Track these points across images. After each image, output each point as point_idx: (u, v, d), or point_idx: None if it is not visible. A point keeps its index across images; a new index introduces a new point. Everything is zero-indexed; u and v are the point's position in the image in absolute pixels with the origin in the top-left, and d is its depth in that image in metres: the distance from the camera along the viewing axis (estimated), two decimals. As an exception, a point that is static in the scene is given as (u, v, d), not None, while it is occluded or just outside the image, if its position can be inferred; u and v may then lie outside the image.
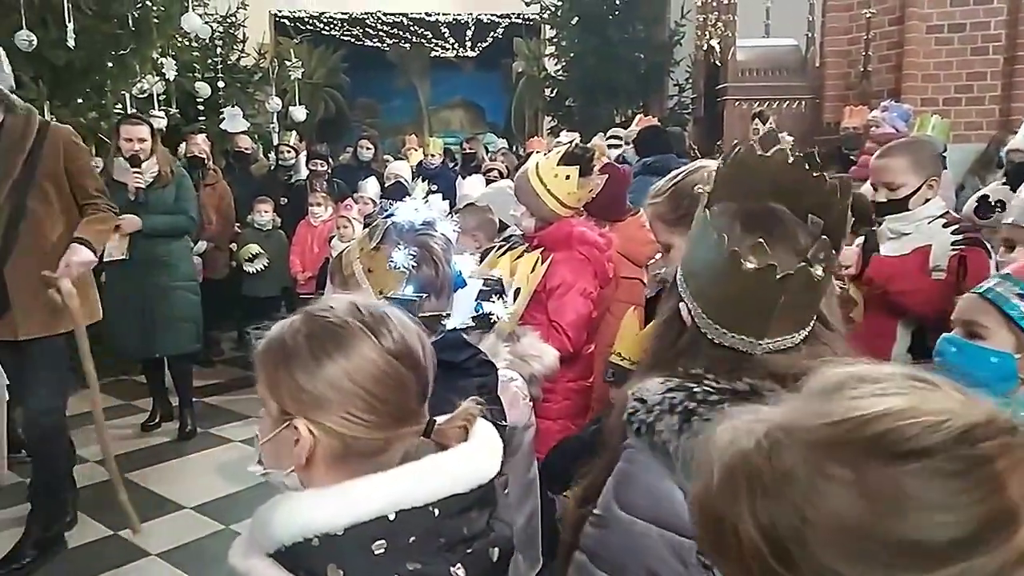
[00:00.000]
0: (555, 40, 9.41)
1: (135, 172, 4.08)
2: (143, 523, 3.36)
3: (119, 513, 3.45)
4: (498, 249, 2.51)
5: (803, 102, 7.41)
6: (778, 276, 0.92)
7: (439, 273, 1.36)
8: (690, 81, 8.84)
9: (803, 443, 0.50)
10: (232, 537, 0.92)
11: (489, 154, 7.88)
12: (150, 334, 4.25)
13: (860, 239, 2.43)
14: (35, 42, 4.66)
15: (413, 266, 1.32)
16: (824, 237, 0.95)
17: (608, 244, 2.58)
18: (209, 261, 5.48)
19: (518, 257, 2.52)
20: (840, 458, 0.49)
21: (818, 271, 0.93)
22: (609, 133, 6.21)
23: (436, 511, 0.86)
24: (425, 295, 1.33)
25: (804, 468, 0.49)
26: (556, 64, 9.57)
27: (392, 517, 0.84)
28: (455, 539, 0.88)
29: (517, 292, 2.25)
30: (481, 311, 1.48)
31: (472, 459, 0.91)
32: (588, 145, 3.36)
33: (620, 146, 5.68)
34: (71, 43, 4.79)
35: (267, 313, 5.34)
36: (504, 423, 1.40)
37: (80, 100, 5.14)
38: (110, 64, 5.27)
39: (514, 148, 8.89)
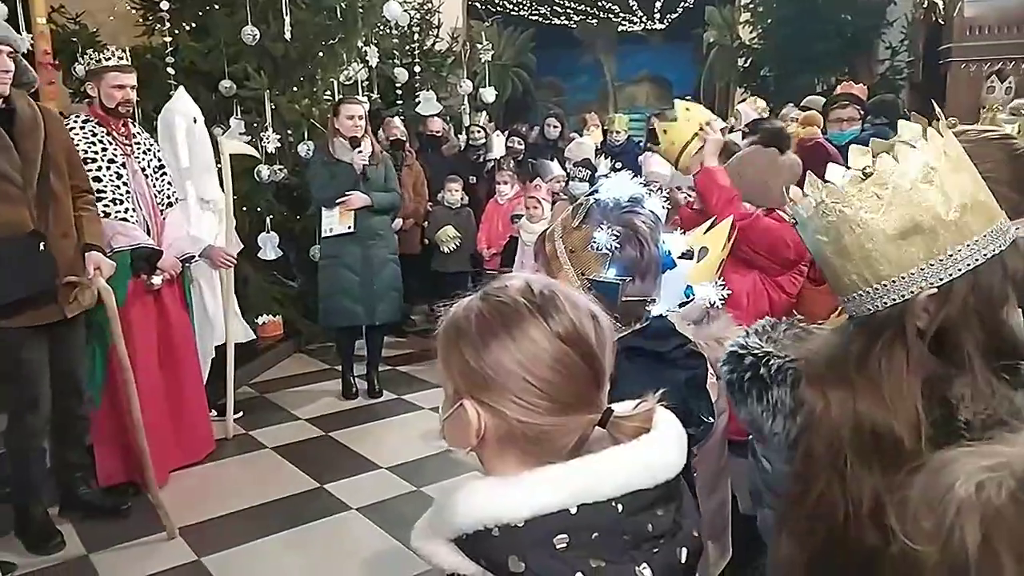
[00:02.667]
0: (751, 6, 8.89)
1: (358, 150, 4.42)
2: (346, 479, 3.65)
3: (329, 467, 3.77)
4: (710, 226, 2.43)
5: (1047, 61, 6.46)
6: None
7: (644, 254, 1.27)
8: (906, 43, 8.00)
9: None
10: (423, 500, 0.93)
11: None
12: (372, 303, 4.59)
13: None
14: (258, 36, 5.13)
15: (616, 247, 1.24)
16: None
17: None
18: (405, 238, 5.81)
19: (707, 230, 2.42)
20: None
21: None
22: (803, 103, 5.75)
23: (620, 507, 0.82)
24: (629, 278, 1.25)
25: None
26: (751, 32, 9.04)
27: (574, 511, 0.80)
28: (640, 537, 0.84)
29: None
30: (692, 296, 1.37)
31: (656, 452, 0.86)
32: (777, 120, 3.14)
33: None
34: (288, 35, 5.23)
35: (455, 288, 5.56)
36: (711, 419, 1.29)
37: (295, 88, 5.61)
38: (321, 54, 5.70)
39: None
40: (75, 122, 3.33)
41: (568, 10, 10.72)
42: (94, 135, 3.34)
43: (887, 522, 0.85)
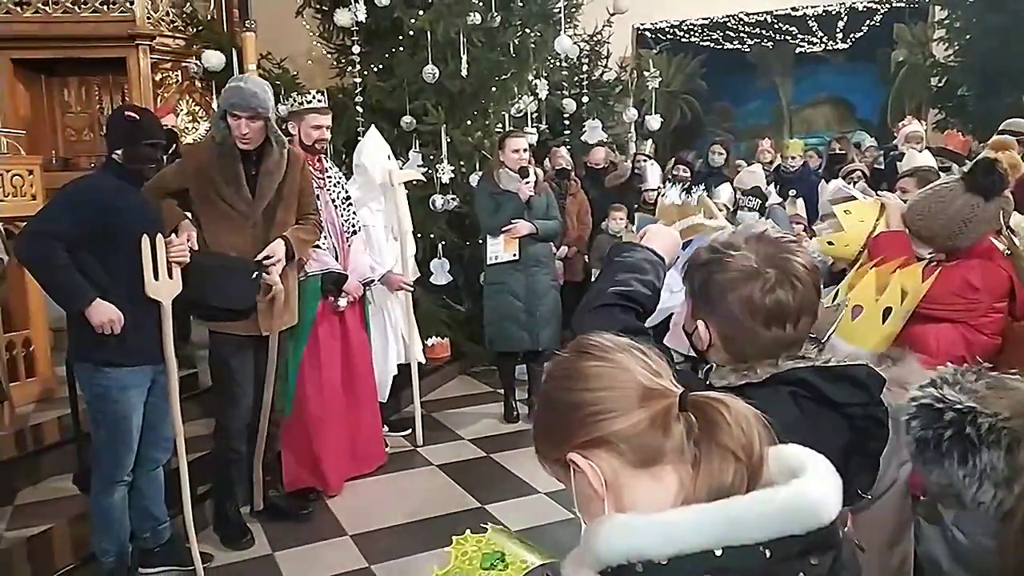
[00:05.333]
0: (946, 22, 8.23)
1: (526, 181, 4.58)
2: (505, 500, 3.74)
3: (489, 488, 3.87)
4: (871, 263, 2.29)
5: None
6: None
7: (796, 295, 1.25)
8: None
9: None
10: (579, 527, 0.95)
11: (863, 151, 7.18)
12: (536, 329, 4.72)
13: None
14: (437, 74, 5.46)
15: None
16: None
17: None
18: (569, 265, 5.91)
19: (893, 271, 2.26)
20: None
21: None
22: (1003, 126, 5.19)
23: (768, 552, 0.80)
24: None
25: None
26: (946, 49, 8.37)
27: (719, 553, 0.79)
28: None
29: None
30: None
31: (808, 497, 0.83)
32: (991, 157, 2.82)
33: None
34: (464, 72, 5.51)
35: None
36: (869, 496, 1.17)
37: (469, 122, 5.88)
38: (494, 88, 5.94)
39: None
40: None
41: (742, 34, 10.45)
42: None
43: None
